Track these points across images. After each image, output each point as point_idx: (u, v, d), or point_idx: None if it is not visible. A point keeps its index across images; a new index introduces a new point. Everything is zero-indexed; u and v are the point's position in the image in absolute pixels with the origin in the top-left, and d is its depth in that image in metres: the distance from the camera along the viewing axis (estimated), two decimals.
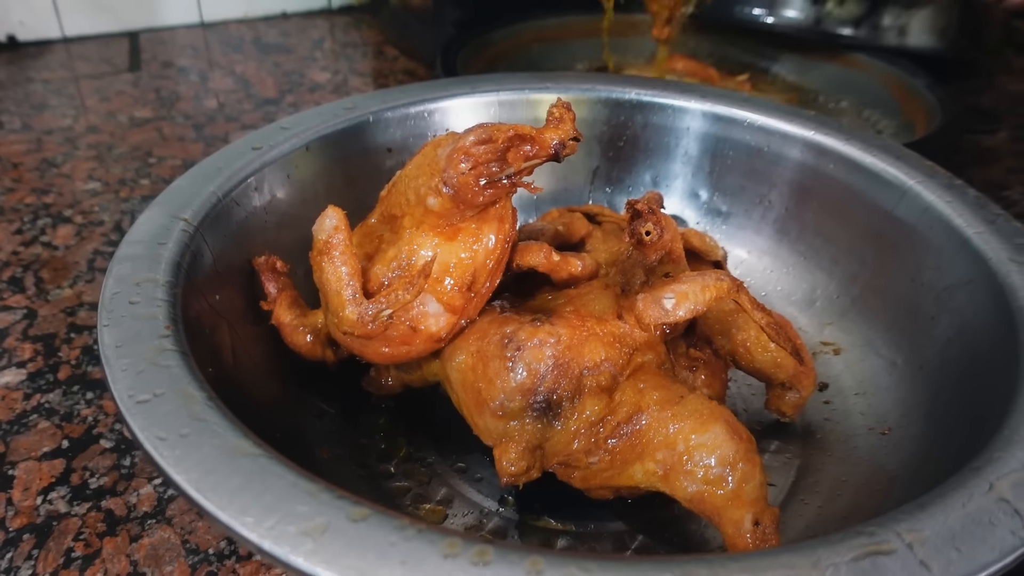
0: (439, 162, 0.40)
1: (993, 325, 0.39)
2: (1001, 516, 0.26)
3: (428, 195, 0.40)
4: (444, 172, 0.39)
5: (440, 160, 0.40)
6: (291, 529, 0.25)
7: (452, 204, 0.40)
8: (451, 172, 0.38)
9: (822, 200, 0.53)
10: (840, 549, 0.24)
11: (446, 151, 0.40)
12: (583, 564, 0.23)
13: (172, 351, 0.32)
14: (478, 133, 0.38)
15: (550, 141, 0.38)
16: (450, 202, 0.40)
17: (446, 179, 0.39)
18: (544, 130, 0.38)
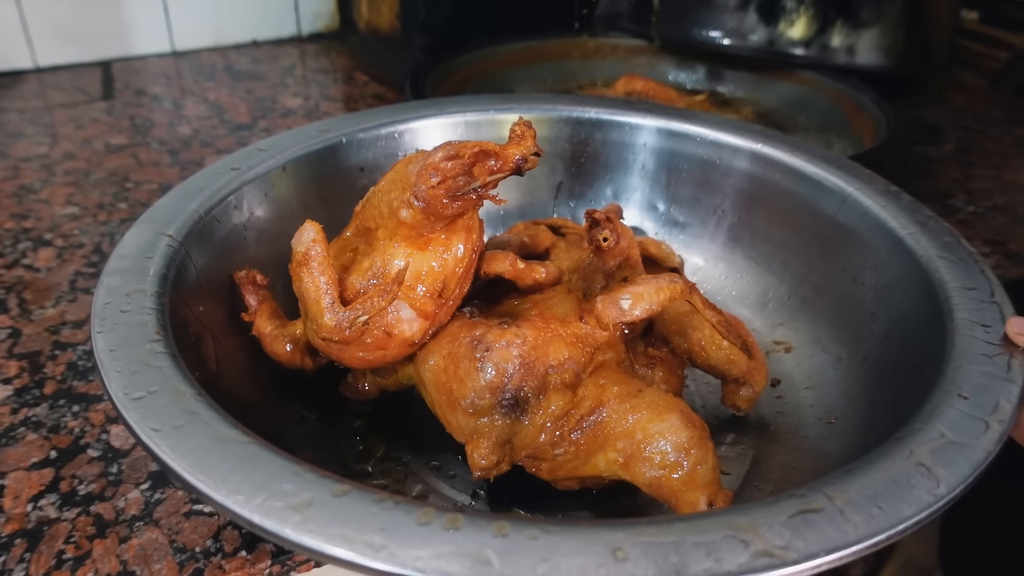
0: (410, 177, 0.43)
1: (924, 316, 0.42)
2: (919, 478, 0.29)
3: (400, 208, 0.43)
4: (415, 186, 0.42)
5: (411, 175, 0.43)
6: (279, 504, 0.27)
7: (423, 216, 0.43)
8: (421, 186, 0.41)
9: (770, 208, 0.57)
10: (776, 510, 0.27)
11: (416, 167, 0.43)
12: (544, 527, 0.26)
13: (163, 353, 0.35)
14: (446, 150, 0.41)
15: (513, 156, 0.41)
16: (421, 214, 0.42)
17: (417, 193, 0.42)
18: (507, 146, 0.41)
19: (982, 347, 0.37)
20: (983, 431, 0.32)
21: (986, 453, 0.31)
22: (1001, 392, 0.34)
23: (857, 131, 0.86)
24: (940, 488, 0.29)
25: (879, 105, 0.83)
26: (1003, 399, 0.34)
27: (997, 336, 0.38)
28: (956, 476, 0.29)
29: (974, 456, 0.30)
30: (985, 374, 0.35)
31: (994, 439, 0.31)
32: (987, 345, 0.37)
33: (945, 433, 0.31)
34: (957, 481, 0.29)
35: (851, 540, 0.26)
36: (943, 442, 0.31)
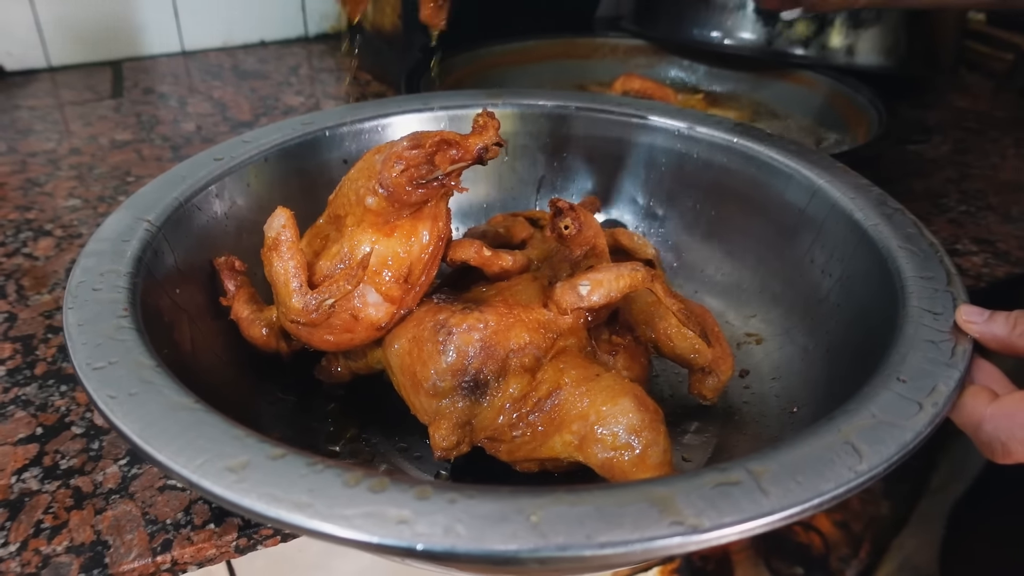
0: (376, 166, 0.44)
1: (882, 306, 0.43)
2: (843, 456, 0.30)
3: (367, 195, 0.44)
4: (380, 175, 0.43)
5: (377, 164, 0.44)
6: (218, 466, 0.28)
7: (388, 203, 0.44)
8: (386, 174, 0.43)
9: (745, 202, 0.57)
10: (696, 482, 0.28)
11: (382, 156, 0.44)
12: (465, 491, 0.27)
13: (128, 328, 0.36)
14: (410, 139, 0.43)
15: (474, 146, 0.42)
16: (386, 201, 0.44)
17: (381, 180, 0.43)
18: (469, 136, 0.43)
19: (929, 333, 0.38)
20: (915, 413, 0.32)
21: (915, 434, 0.31)
22: (940, 376, 0.35)
23: (853, 130, 0.86)
24: (862, 465, 0.29)
25: (874, 104, 0.83)
26: (941, 383, 0.34)
27: (947, 324, 0.38)
28: (880, 455, 0.30)
29: (902, 436, 0.31)
30: (928, 359, 0.36)
31: (925, 421, 0.32)
32: (935, 332, 0.38)
33: (876, 414, 0.32)
34: (880, 460, 0.30)
35: (764, 511, 0.27)
36: (873, 422, 0.32)
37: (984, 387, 0.35)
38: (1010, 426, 0.33)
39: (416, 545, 0.25)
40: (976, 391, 0.35)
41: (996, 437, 0.34)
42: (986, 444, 0.34)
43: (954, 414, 0.35)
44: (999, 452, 0.34)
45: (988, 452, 0.34)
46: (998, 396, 0.35)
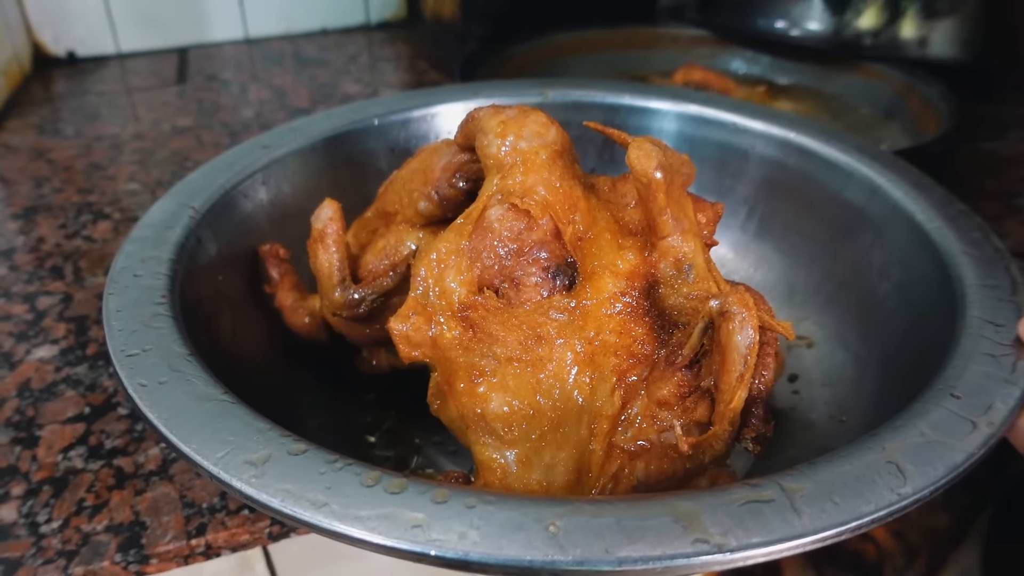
0: (434, 171, 0.44)
1: (941, 314, 0.40)
2: (886, 476, 0.28)
3: (420, 200, 0.44)
4: (437, 183, 0.43)
5: (435, 170, 0.44)
6: (239, 459, 0.28)
7: (440, 211, 0.44)
8: (443, 185, 0.43)
9: (801, 198, 0.55)
10: (724, 498, 0.27)
11: (442, 162, 0.44)
12: (485, 497, 0.26)
13: (164, 316, 0.37)
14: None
15: None
16: (439, 209, 0.44)
17: (439, 189, 0.43)
18: None
19: (989, 346, 0.35)
20: (969, 432, 0.30)
21: (966, 455, 0.29)
22: (998, 393, 0.32)
23: (922, 126, 0.82)
24: (906, 487, 0.27)
25: (946, 99, 0.79)
26: (999, 401, 0.32)
27: (1009, 336, 0.36)
28: (927, 477, 0.28)
29: (952, 458, 0.29)
30: (986, 374, 0.33)
31: (979, 441, 0.30)
32: (995, 344, 0.35)
33: (926, 432, 0.30)
34: (927, 482, 0.28)
35: (796, 533, 0.26)
36: (921, 440, 0.30)
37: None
38: None
39: (429, 551, 0.25)
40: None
41: None
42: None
43: (1013, 435, 0.33)
44: None
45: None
46: None
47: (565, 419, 0.35)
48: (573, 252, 0.36)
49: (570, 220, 0.36)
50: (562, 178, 0.37)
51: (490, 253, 0.36)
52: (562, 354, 0.34)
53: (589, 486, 0.35)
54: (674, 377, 0.34)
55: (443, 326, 0.35)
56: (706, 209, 0.38)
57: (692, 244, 0.35)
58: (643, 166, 0.34)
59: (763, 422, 0.33)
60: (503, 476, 0.35)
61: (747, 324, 0.31)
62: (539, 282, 0.35)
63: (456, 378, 0.36)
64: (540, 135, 0.38)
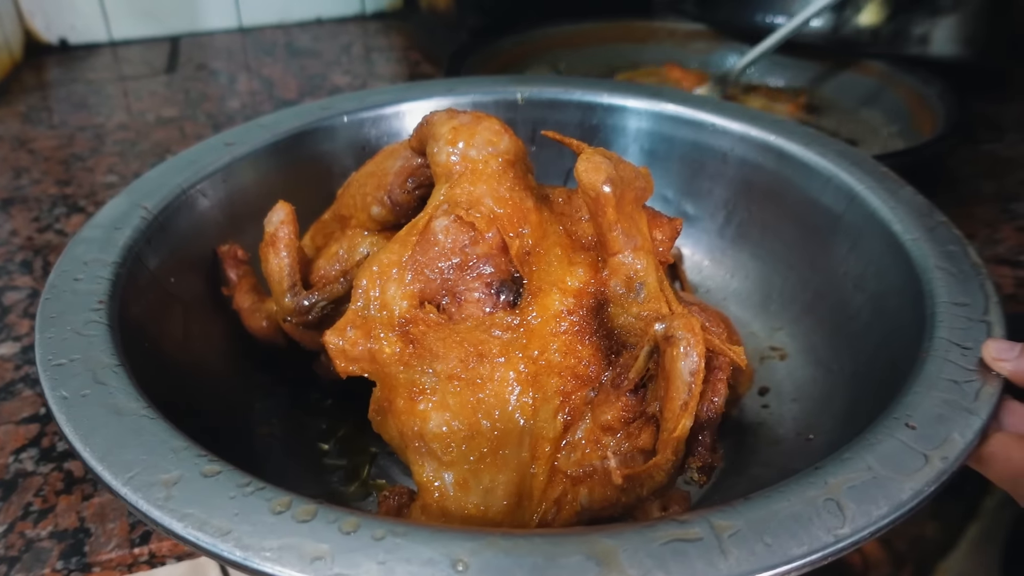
0: (388, 175, 0.42)
1: (908, 334, 0.39)
2: (824, 514, 0.26)
3: (373, 204, 0.43)
4: (390, 188, 0.42)
5: (389, 174, 0.43)
6: (149, 480, 0.27)
7: (393, 217, 0.42)
8: (396, 190, 0.41)
9: (780, 204, 0.53)
10: (648, 535, 0.25)
11: (396, 165, 0.43)
12: (394, 528, 0.25)
13: (98, 323, 0.36)
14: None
15: None
16: (391, 214, 0.42)
17: (391, 194, 0.41)
18: None
19: (953, 371, 0.33)
20: (920, 467, 0.29)
21: (913, 493, 0.27)
22: (957, 424, 0.31)
23: (919, 126, 0.79)
24: (844, 528, 0.26)
25: (944, 99, 0.77)
26: (957, 432, 0.30)
27: (974, 360, 0.34)
28: (867, 516, 0.26)
29: (897, 495, 0.27)
30: (946, 402, 0.32)
31: (929, 477, 0.28)
32: (960, 369, 0.33)
33: (873, 466, 0.28)
34: (867, 522, 0.26)
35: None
36: (867, 476, 0.28)
37: (1015, 435, 0.31)
38: None
39: None
40: (1006, 440, 0.31)
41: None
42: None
43: (984, 467, 0.31)
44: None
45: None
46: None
47: (506, 441, 0.33)
48: (520, 267, 0.35)
49: (518, 234, 0.35)
50: (512, 189, 0.36)
51: (433, 267, 0.34)
52: (504, 373, 0.33)
53: (530, 511, 0.33)
54: (619, 401, 0.32)
55: (382, 341, 0.34)
56: (663, 225, 0.36)
57: (644, 261, 0.34)
58: (591, 179, 0.32)
59: (710, 451, 0.32)
60: (440, 498, 0.33)
61: (692, 350, 0.29)
62: (482, 298, 0.34)
63: (396, 395, 0.34)
64: (492, 143, 0.36)
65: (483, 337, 0.34)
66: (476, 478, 0.33)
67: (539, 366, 0.33)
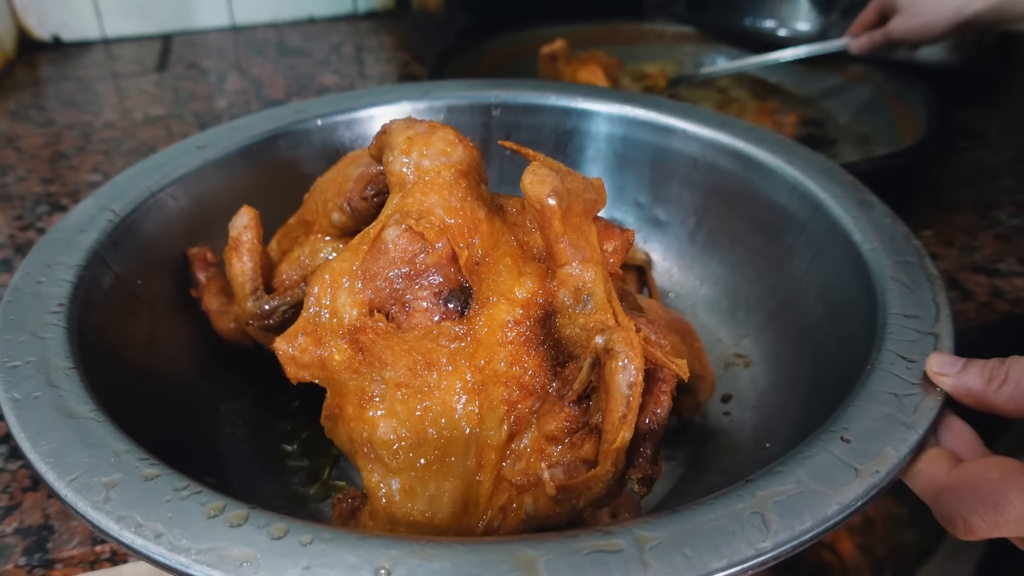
0: (348, 182, 0.43)
1: (859, 345, 0.39)
2: (748, 528, 0.27)
3: (333, 211, 0.43)
4: (349, 194, 0.42)
5: (349, 180, 0.43)
6: (90, 482, 0.28)
7: (353, 223, 0.43)
8: (355, 197, 0.42)
9: (750, 211, 0.53)
10: (570, 546, 0.26)
11: (356, 172, 0.43)
12: (320, 533, 0.26)
13: (55, 326, 0.36)
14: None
15: None
16: (351, 220, 0.43)
17: (350, 201, 0.42)
18: None
19: (896, 384, 0.34)
20: (849, 481, 0.29)
21: (839, 507, 0.28)
22: (892, 438, 0.31)
23: (901, 131, 0.79)
24: (766, 542, 0.26)
25: (927, 105, 0.77)
26: (891, 447, 0.31)
27: (918, 374, 0.34)
28: (791, 530, 0.27)
29: (823, 510, 0.28)
30: (884, 416, 0.32)
31: (858, 492, 0.28)
32: (902, 383, 0.34)
33: (803, 479, 0.29)
34: (790, 536, 0.27)
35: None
36: (795, 489, 0.28)
37: (946, 451, 0.31)
38: (971, 499, 0.29)
39: None
40: (935, 456, 0.31)
41: (956, 511, 0.30)
42: (945, 518, 0.30)
43: (911, 481, 0.31)
44: (960, 528, 0.30)
45: (948, 527, 0.31)
46: (960, 462, 0.31)
47: (452, 449, 0.34)
48: (468, 277, 0.35)
49: (468, 244, 0.35)
50: (464, 200, 0.36)
51: (383, 275, 0.35)
52: (451, 382, 0.34)
53: (476, 519, 0.34)
54: (563, 412, 0.33)
55: (332, 348, 0.35)
56: (615, 237, 0.36)
57: (592, 273, 0.34)
58: (536, 192, 0.32)
59: (650, 463, 0.32)
60: (387, 504, 0.34)
61: (631, 364, 0.30)
62: (430, 307, 0.34)
63: (345, 401, 0.35)
64: (445, 153, 0.37)
65: (431, 346, 0.34)
66: (423, 485, 0.34)
67: (485, 375, 0.34)
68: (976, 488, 0.29)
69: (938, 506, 0.31)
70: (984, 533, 0.30)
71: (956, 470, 0.30)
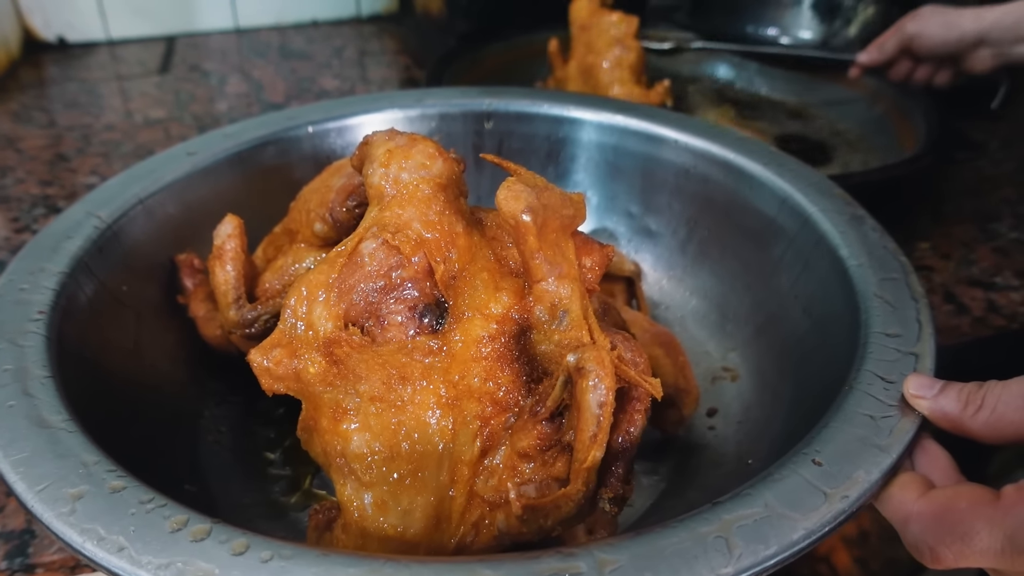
0: (330, 192, 0.43)
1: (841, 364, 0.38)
2: (712, 552, 0.27)
3: (315, 221, 0.43)
4: (331, 205, 0.42)
5: (332, 191, 0.43)
6: (57, 493, 0.28)
7: (335, 233, 0.43)
8: (336, 208, 0.42)
9: (739, 223, 0.53)
10: (530, 568, 0.26)
11: (339, 183, 0.43)
12: (282, 550, 0.26)
13: (35, 333, 0.36)
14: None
15: None
16: (333, 231, 0.43)
17: (332, 212, 0.42)
18: None
19: (872, 406, 0.33)
20: (817, 506, 0.29)
21: (805, 533, 0.28)
22: (865, 462, 0.31)
23: (901, 141, 0.79)
24: (728, 567, 0.26)
25: (927, 116, 0.76)
26: (863, 470, 0.30)
27: (896, 395, 0.34)
28: (754, 556, 0.27)
29: (788, 535, 0.27)
30: (859, 439, 0.32)
31: (824, 518, 0.28)
32: (879, 404, 0.34)
33: (771, 503, 0.29)
34: (753, 562, 0.26)
35: None
36: (762, 513, 0.28)
37: (918, 477, 0.31)
38: (938, 528, 0.29)
39: None
40: (907, 481, 0.31)
41: (923, 540, 0.29)
42: (913, 546, 0.30)
43: (881, 506, 0.31)
44: (927, 556, 0.30)
45: (916, 555, 0.30)
46: (932, 489, 0.30)
47: (425, 463, 0.34)
48: (444, 291, 0.35)
49: (445, 258, 0.35)
50: (442, 213, 0.36)
51: (358, 289, 0.35)
52: (424, 396, 0.33)
53: (449, 534, 0.34)
54: (535, 429, 0.33)
55: (307, 360, 0.35)
56: (593, 252, 0.36)
57: (569, 289, 0.34)
58: (510, 208, 0.32)
59: (622, 482, 0.32)
60: (360, 518, 0.34)
61: (601, 383, 0.30)
62: (404, 321, 0.34)
63: (320, 414, 0.35)
64: (424, 167, 0.37)
65: (405, 360, 0.34)
66: (395, 499, 0.34)
67: (459, 390, 0.33)
68: (944, 517, 0.29)
69: (906, 533, 0.30)
70: (951, 563, 0.29)
71: (925, 498, 0.30)
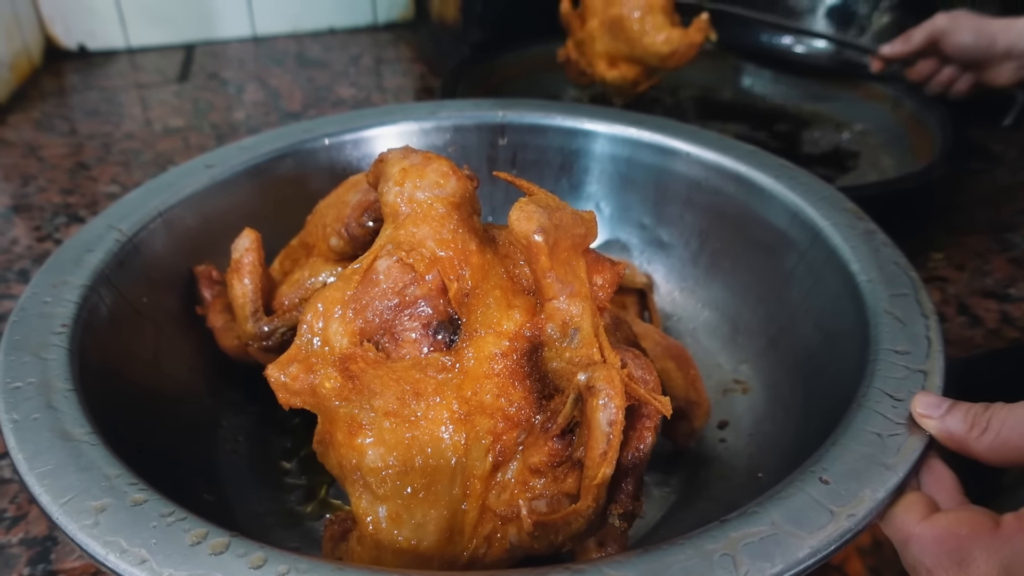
0: (347, 208, 0.44)
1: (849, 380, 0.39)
2: (718, 570, 0.27)
3: (332, 235, 0.44)
4: (347, 220, 0.43)
5: (348, 206, 0.44)
6: (81, 505, 0.29)
7: (350, 248, 0.44)
8: (352, 223, 0.43)
9: (752, 236, 0.53)
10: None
11: (355, 198, 0.44)
12: (298, 563, 0.26)
13: (57, 347, 0.37)
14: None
15: None
16: (349, 246, 0.44)
17: (348, 227, 0.43)
18: None
19: (880, 424, 0.34)
20: (823, 525, 0.29)
21: (810, 551, 0.28)
22: (872, 480, 0.31)
23: (916, 151, 0.79)
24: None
25: (943, 125, 0.76)
26: (870, 489, 0.31)
27: (904, 414, 0.34)
28: (760, 574, 0.27)
29: (794, 553, 0.28)
30: (865, 457, 0.32)
31: (832, 536, 0.29)
32: (887, 422, 0.34)
33: (777, 521, 0.29)
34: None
35: None
36: (769, 531, 0.29)
37: (923, 497, 0.31)
38: (937, 552, 0.29)
39: None
40: (911, 502, 0.31)
41: (921, 562, 0.30)
42: (911, 567, 0.30)
43: (884, 524, 0.31)
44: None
45: (913, 575, 0.30)
46: (936, 511, 0.31)
47: (438, 477, 0.34)
48: (458, 309, 0.35)
49: (458, 276, 0.36)
50: (455, 232, 0.36)
51: (373, 305, 0.35)
52: (438, 412, 0.34)
53: (462, 547, 0.34)
54: (547, 445, 0.33)
55: (323, 376, 0.35)
56: (605, 270, 0.37)
57: (580, 307, 0.34)
58: (522, 228, 0.33)
59: (632, 499, 0.33)
60: (374, 531, 0.35)
61: (611, 402, 0.30)
62: (418, 338, 0.35)
63: (336, 428, 0.36)
64: (438, 185, 0.37)
65: (419, 376, 0.34)
66: (409, 512, 0.34)
67: (472, 406, 0.34)
68: (944, 542, 0.29)
69: (905, 554, 0.31)
70: None
71: (928, 521, 0.30)
